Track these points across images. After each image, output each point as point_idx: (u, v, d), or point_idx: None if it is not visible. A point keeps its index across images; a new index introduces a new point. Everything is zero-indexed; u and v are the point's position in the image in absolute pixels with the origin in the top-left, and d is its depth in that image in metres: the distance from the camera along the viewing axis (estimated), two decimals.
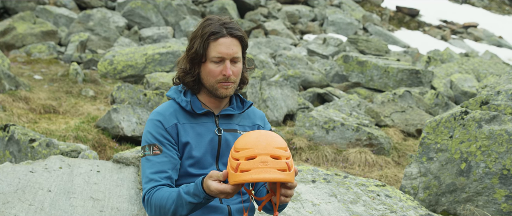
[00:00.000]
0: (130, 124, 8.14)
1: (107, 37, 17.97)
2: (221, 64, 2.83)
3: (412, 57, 21.31)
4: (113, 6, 23.15)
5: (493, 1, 40.79)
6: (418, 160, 5.72)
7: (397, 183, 7.36)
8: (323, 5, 30.33)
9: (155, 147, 2.82)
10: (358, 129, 8.91)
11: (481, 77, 15.86)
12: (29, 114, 8.88)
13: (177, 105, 2.93)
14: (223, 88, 2.86)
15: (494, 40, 31.12)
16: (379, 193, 4.93)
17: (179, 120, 2.88)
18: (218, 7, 24.18)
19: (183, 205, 2.65)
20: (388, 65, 13.57)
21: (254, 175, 2.41)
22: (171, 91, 2.99)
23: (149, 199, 2.76)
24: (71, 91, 10.73)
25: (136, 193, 4.86)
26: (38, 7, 19.84)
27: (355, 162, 8.29)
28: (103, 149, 7.72)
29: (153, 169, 2.80)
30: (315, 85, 13.01)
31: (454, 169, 5.39)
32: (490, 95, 5.71)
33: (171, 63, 12.77)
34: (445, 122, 5.61)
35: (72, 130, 8.00)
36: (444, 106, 11.48)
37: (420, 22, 33.25)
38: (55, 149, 6.34)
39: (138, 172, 5.38)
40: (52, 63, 13.54)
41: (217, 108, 2.96)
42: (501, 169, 5.12)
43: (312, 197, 4.74)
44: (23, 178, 4.79)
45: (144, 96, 9.45)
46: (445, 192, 5.41)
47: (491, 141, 5.22)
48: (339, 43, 20.48)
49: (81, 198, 4.58)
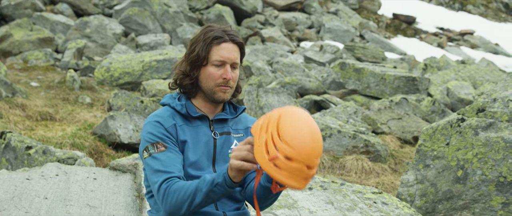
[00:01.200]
0: (126, 131, 8.14)
1: (104, 44, 17.97)
2: (221, 68, 2.89)
3: (408, 64, 21.34)
4: (110, 13, 23.15)
5: (489, 8, 40.91)
6: (414, 167, 5.72)
7: (394, 191, 7.36)
8: (320, 12, 30.37)
9: (159, 145, 2.82)
10: (355, 136, 8.92)
11: (477, 84, 15.89)
12: (25, 121, 8.87)
13: (172, 109, 2.96)
14: (221, 91, 2.90)
15: (490, 47, 31.19)
16: (376, 201, 4.93)
17: (177, 122, 2.91)
18: (215, 14, 24.21)
19: (201, 190, 2.64)
20: (384, 72, 13.59)
21: (283, 178, 2.36)
22: (165, 98, 3.03)
23: (167, 188, 2.71)
24: (68, 98, 10.72)
25: (133, 200, 4.86)
26: (35, 14, 19.83)
27: (352, 169, 8.29)
28: (100, 156, 7.72)
29: (163, 165, 2.77)
30: (312, 92, 13.02)
31: (450, 176, 5.40)
32: (487, 103, 5.72)
33: (168, 70, 12.78)
34: (441, 129, 5.62)
35: (68, 137, 7.99)
36: (440, 113, 11.50)
37: (416, 29, 33.31)
38: (51, 156, 6.34)
39: (135, 179, 5.37)
40: (49, 70, 13.53)
41: (211, 113, 3.00)
42: (497, 176, 5.13)
43: (309, 204, 4.73)
44: (19, 185, 4.79)
45: (141, 103, 9.45)
46: (442, 199, 5.42)
47: (488, 148, 5.23)
48: (336, 50, 20.51)
49: (77, 205, 4.58)
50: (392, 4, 36.69)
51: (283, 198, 4.80)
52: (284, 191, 4.92)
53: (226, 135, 2.98)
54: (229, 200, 2.95)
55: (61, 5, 22.53)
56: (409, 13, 34.64)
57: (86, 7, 23.00)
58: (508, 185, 5.08)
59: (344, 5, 33.39)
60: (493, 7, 41.40)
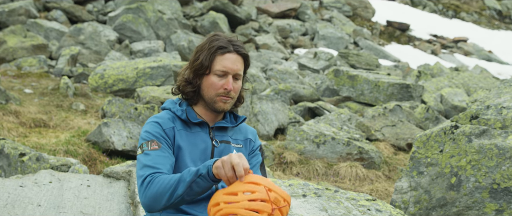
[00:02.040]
0: (120, 138, 8.12)
1: (98, 51, 17.95)
2: (223, 78, 2.90)
3: (402, 71, 21.38)
4: (104, 20, 23.12)
5: (483, 16, 41.06)
6: (408, 174, 5.73)
7: (387, 197, 7.37)
8: (314, 19, 30.42)
9: (153, 143, 2.83)
10: (348, 143, 8.93)
11: (471, 91, 15.93)
12: (19, 128, 8.84)
13: (172, 114, 2.98)
14: (221, 101, 2.92)
15: (484, 54, 31.29)
16: (370, 208, 4.93)
17: (176, 126, 2.93)
18: (209, 21, 24.20)
19: (185, 180, 2.63)
20: (378, 79, 13.62)
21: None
22: (167, 103, 3.05)
23: (151, 180, 2.71)
24: (62, 105, 10.69)
25: (127, 207, 4.84)
26: (29, 21, 19.79)
27: (345, 176, 8.30)
28: (94, 163, 7.70)
29: (153, 161, 2.78)
30: (306, 99, 13.03)
31: (444, 183, 5.41)
32: (480, 110, 5.74)
33: (162, 77, 12.77)
34: (435, 137, 5.63)
35: (62, 144, 7.97)
36: (434, 120, 11.52)
37: (410, 37, 33.39)
38: (45, 163, 6.32)
39: (129, 186, 5.36)
40: (43, 77, 13.50)
41: (211, 122, 3.02)
42: (491, 183, 5.14)
43: (303, 211, 4.73)
44: (12, 192, 4.77)
45: (135, 110, 9.43)
46: (436, 206, 5.42)
47: (481, 155, 5.25)
48: (330, 57, 20.54)
49: (71, 212, 4.56)
50: (386, 12, 36.80)
51: None
52: None
53: (225, 144, 3.00)
54: None
55: (55, 12, 22.49)
56: (403, 20, 34.72)
57: (80, 14, 22.97)
58: (502, 192, 5.09)
59: (338, 12, 33.46)
60: (487, 14, 41.57)
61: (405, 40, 32.72)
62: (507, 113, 5.53)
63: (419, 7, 40.53)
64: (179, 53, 17.73)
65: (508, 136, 5.28)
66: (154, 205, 2.70)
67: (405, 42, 32.43)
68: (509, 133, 5.30)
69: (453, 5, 41.71)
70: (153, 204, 2.69)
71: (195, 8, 26.55)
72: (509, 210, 5.05)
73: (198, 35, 21.88)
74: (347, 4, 34.84)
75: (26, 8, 21.02)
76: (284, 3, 30.58)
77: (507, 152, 5.13)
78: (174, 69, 13.50)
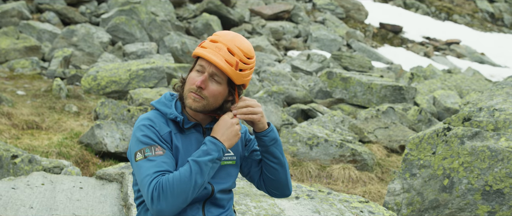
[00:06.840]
0: (113, 140, 8.11)
1: (91, 52, 17.92)
2: (201, 75, 2.84)
3: (395, 74, 21.44)
4: (97, 21, 23.09)
5: (475, 18, 41.21)
6: (401, 176, 5.74)
7: (380, 199, 7.37)
8: (307, 21, 30.47)
9: (157, 148, 2.76)
10: (341, 145, 8.93)
11: (463, 94, 15.97)
12: (11, 130, 8.81)
13: (164, 116, 2.92)
14: (190, 98, 2.84)
15: (476, 56, 31.40)
16: (363, 210, 4.94)
17: (171, 129, 2.88)
18: (203, 23, 24.20)
19: (201, 168, 2.71)
20: (371, 81, 13.64)
21: (205, 52, 2.81)
22: (160, 104, 2.96)
23: (160, 183, 2.66)
24: (54, 106, 10.66)
25: (119, 209, 4.83)
26: (22, 22, 19.74)
27: (338, 178, 8.30)
28: (86, 165, 7.68)
29: (159, 167, 2.72)
30: (299, 101, 13.04)
31: (437, 185, 5.42)
32: (472, 112, 5.76)
33: (155, 79, 12.75)
34: (428, 139, 5.64)
35: (55, 146, 7.95)
36: (427, 122, 11.55)
37: (403, 39, 33.48)
38: (37, 165, 6.30)
39: (121, 188, 5.35)
40: (35, 79, 13.47)
41: (203, 121, 2.98)
42: (483, 185, 5.16)
43: (296, 213, 4.73)
44: (4, 194, 4.75)
45: (127, 112, 9.42)
46: (428, 208, 5.43)
47: (474, 158, 5.26)
48: (323, 59, 20.56)
49: (63, 215, 4.55)
50: (379, 14, 36.90)
51: (270, 207, 4.79)
52: (270, 200, 4.92)
53: None
54: (214, 206, 2.94)
55: (48, 14, 22.45)
56: (396, 23, 34.83)
57: (73, 15, 22.93)
58: (494, 194, 5.11)
59: (331, 14, 33.53)
60: (479, 17, 41.72)
61: (398, 42, 32.80)
62: (500, 115, 5.54)
63: (412, 10, 40.64)
64: (172, 55, 17.70)
65: (501, 138, 5.29)
66: (179, 204, 2.67)
67: (398, 44, 32.52)
68: (501, 135, 5.32)
69: (446, 7, 41.85)
70: (178, 203, 2.67)
71: (188, 10, 26.56)
72: (501, 212, 5.07)
73: (191, 37, 21.86)
74: (340, 6, 34.91)
75: (19, 9, 20.97)
76: (277, 5, 30.62)
77: (499, 154, 5.14)
78: (167, 71, 13.48)
